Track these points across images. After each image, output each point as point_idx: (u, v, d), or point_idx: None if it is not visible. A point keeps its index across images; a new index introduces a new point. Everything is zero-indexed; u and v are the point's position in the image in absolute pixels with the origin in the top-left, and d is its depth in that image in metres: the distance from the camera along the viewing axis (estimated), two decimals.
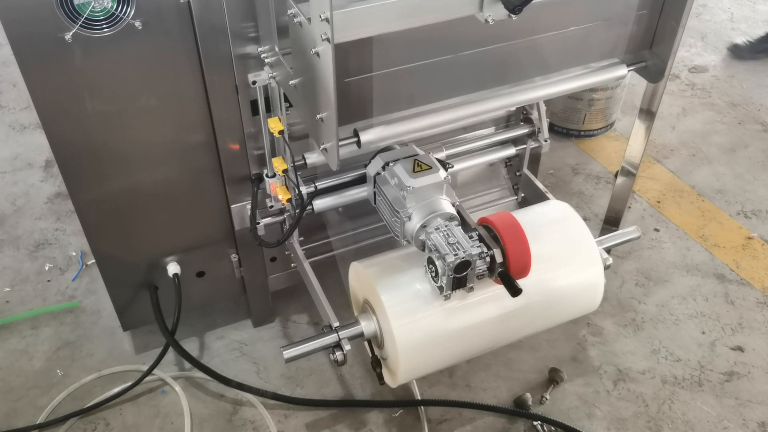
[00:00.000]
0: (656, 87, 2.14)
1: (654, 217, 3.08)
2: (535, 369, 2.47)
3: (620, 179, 2.58)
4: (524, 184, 2.57)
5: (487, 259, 1.80)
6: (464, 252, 1.75)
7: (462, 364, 2.43)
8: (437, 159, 1.91)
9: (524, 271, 1.82)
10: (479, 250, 1.77)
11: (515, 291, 1.77)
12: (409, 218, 1.86)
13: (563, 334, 2.58)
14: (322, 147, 1.55)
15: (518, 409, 2.33)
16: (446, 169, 1.91)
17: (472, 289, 1.84)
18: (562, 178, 3.29)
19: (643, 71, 1.88)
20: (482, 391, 2.40)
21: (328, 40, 1.32)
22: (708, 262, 2.87)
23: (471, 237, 1.80)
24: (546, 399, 2.36)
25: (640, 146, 2.38)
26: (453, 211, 1.88)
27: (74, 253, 2.87)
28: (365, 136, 1.60)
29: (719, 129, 3.60)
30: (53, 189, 3.18)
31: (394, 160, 1.93)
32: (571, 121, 3.44)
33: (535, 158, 2.63)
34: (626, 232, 2.26)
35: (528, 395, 2.34)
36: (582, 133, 3.48)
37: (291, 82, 1.63)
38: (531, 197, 2.55)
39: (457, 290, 1.82)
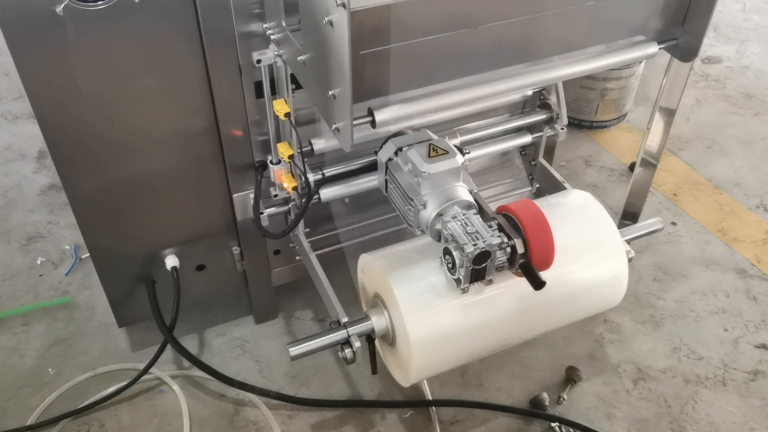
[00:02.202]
0: (678, 72, 2.03)
1: (671, 211, 2.97)
2: (550, 367, 2.36)
3: (639, 171, 2.47)
4: (540, 174, 2.46)
5: (508, 249, 1.69)
6: (484, 242, 1.64)
7: (474, 363, 2.33)
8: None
9: (547, 262, 1.71)
10: (500, 240, 1.66)
11: (538, 283, 1.66)
12: (424, 206, 1.75)
13: (579, 331, 2.47)
14: (334, 127, 1.44)
15: (535, 410, 2.22)
16: (463, 155, 1.79)
17: (491, 281, 1.73)
18: (574, 171, 3.18)
19: (674, 49, 1.77)
20: (496, 391, 2.30)
21: (343, 5, 1.21)
22: (728, 256, 2.76)
23: (490, 226, 1.69)
24: (563, 399, 2.25)
25: (660, 135, 2.27)
26: (471, 198, 1.77)
27: (68, 247, 2.77)
28: (380, 115, 1.49)
29: (734, 121, 3.50)
30: (46, 180, 3.06)
31: (408, 145, 1.82)
32: (583, 112, 3.33)
33: (550, 148, 2.52)
34: (649, 223, 2.16)
35: (545, 395, 2.24)
36: (594, 124, 3.38)
37: (300, 58, 1.52)
38: (547, 188, 2.44)
39: (475, 283, 1.71)
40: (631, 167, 3.15)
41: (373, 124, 1.50)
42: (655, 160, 2.43)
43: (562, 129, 2.37)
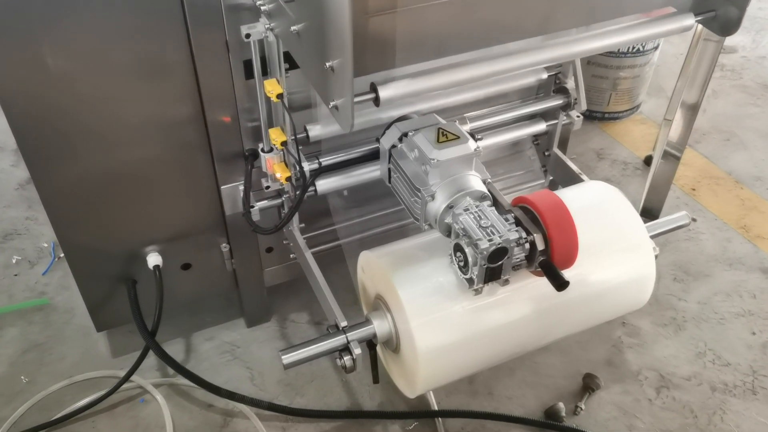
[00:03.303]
0: (705, 49, 1.86)
1: (689, 206, 2.80)
2: (565, 374, 2.20)
3: (660, 164, 2.31)
4: (554, 166, 2.28)
5: (527, 246, 1.51)
6: (500, 237, 1.46)
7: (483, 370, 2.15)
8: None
9: (570, 260, 1.54)
10: (517, 234, 1.49)
11: (561, 283, 1.48)
12: (433, 197, 1.58)
13: (596, 335, 2.31)
14: (332, 105, 1.26)
15: (550, 421, 2.06)
16: (475, 141, 1.61)
17: (507, 281, 1.55)
18: (586, 164, 3.01)
19: (712, 22, 1.59)
20: (507, 400, 2.13)
21: None
22: (752, 254, 2.59)
23: (506, 220, 1.52)
24: (581, 409, 2.08)
25: (685, 122, 2.11)
26: (484, 189, 1.59)
27: (46, 245, 2.62)
28: (385, 92, 1.30)
29: (753, 112, 3.33)
30: (25, 174, 2.88)
31: (414, 130, 1.64)
32: (594, 103, 3.15)
33: (564, 139, 2.35)
34: (675, 218, 1.99)
35: (561, 405, 2.07)
36: (606, 115, 3.21)
37: (293, 28, 1.34)
38: (562, 180, 2.26)
39: (490, 283, 1.53)
40: (647, 160, 3.00)
41: (376, 101, 1.31)
42: (678, 151, 2.28)
43: (579, 116, 2.21)
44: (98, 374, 2.16)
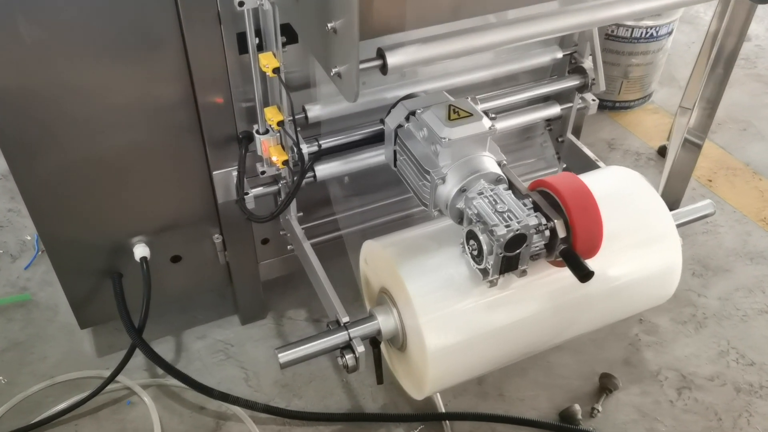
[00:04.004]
0: (736, 15, 1.74)
1: (706, 198, 2.63)
2: (580, 374, 2.08)
3: (680, 153, 2.18)
4: (568, 152, 2.16)
5: (547, 233, 1.38)
6: (519, 222, 1.33)
7: None
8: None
9: (594, 248, 1.42)
10: (537, 220, 1.35)
11: (585, 274, 1.36)
12: (443, 180, 1.45)
13: (611, 332, 2.19)
14: (334, 71, 1.12)
15: (565, 424, 1.93)
16: (489, 119, 1.48)
17: (524, 272, 1.42)
18: (597, 154, 2.85)
19: None
20: (519, 402, 2.01)
21: None
22: None
23: (524, 205, 1.39)
24: (598, 411, 1.96)
25: (708, 105, 1.98)
26: (500, 171, 1.46)
27: (29, 238, 2.50)
28: (394, 58, 1.17)
29: None
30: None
31: (422, 108, 1.50)
32: (605, 91, 3.01)
33: (577, 125, 2.22)
34: (700, 207, 1.87)
35: (576, 407, 1.95)
36: (617, 104, 3.08)
37: None
38: (576, 168, 2.13)
39: (505, 274, 1.40)
40: (660, 151, 2.88)
41: (383, 69, 1.18)
42: (699, 139, 2.15)
43: (594, 100, 2.08)
44: (82, 374, 2.05)
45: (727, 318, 2.24)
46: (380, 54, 1.17)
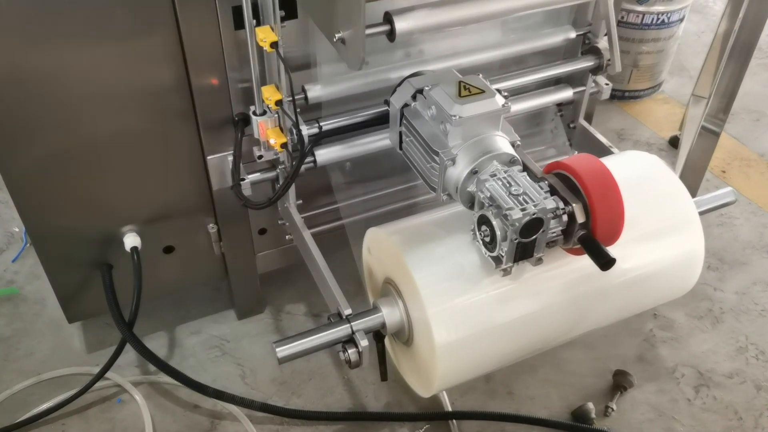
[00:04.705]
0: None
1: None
2: (593, 371, 1.99)
3: (698, 143, 2.10)
4: (580, 139, 2.06)
5: (564, 218, 1.29)
6: (535, 205, 1.24)
7: None
8: None
9: (615, 235, 1.33)
10: (555, 204, 1.26)
11: (606, 261, 1.27)
12: (453, 162, 1.35)
13: (625, 328, 2.11)
14: (338, 37, 1.03)
15: (579, 423, 1.84)
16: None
17: (540, 260, 1.33)
18: None
19: None
20: (529, 401, 1.93)
21: None
22: None
23: (540, 188, 1.29)
24: (612, 410, 1.88)
25: (729, 87, 1.90)
26: (513, 152, 1.36)
27: (17, 229, 2.43)
28: (402, 23, 1.08)
29: None
30: None
31: (431, 86, 1.41)
32: (613, 80, 2.91)
33: (588, 112, 2.12)
34: (721, 194, 1.78)
35: (590, 405, 1.86)
36: (626, 94, 3.00)
37: None
38: None
39: (520, 262, 1.31)
40: (672, 141, 2.79)
41: (391, 34, 1.09)
42: (717, 126, 2.06)
43: (607, 84, 1.99)
44: (70, 371, 1.98)
45: (745, 313, 2.16)
46: (387, 18, 1.09)
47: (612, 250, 1.30)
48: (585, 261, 1.34)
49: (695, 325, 2.12)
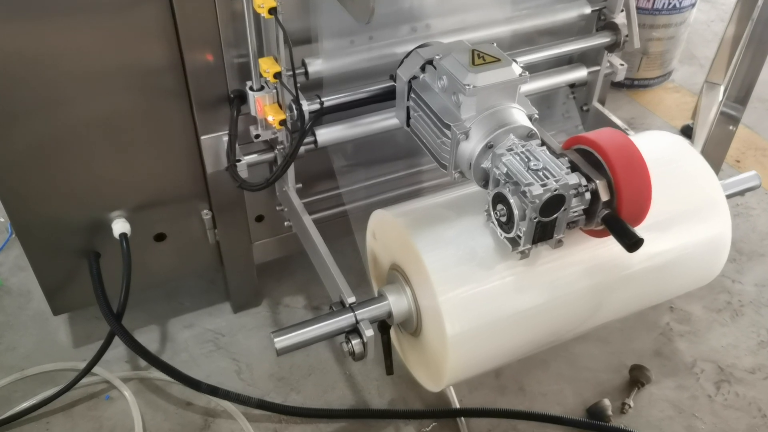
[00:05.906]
0: None
1: None
2: (608, 366, 1.91)
3: (716, 130, 2.01)
4: (594, 122, 1.98)
5: (587, 195, 1.19)
6: (557, 181, 1.14)
7: None
8: None
9: (642, 214, 1.24)
10: (577, 180, 1.16)
11: (633, 242, 1.18)
12: (466, 135, 1.26)
13: (640, 321, 2.03)
14: None
15: (595, 421, 1.74)
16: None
17: (560, 242, 1.23)
18: None
19: None
20: (541, 397, 1.85)
21: None
22: None
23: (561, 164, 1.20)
24: (629, 407, 1.79)
25: (752, 67, 1.81)
26: (531, 125, 1.26)
27: (2, 220, 2.34)
28: None
29: None
30: None
31: (441, 55, 1.31)
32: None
33: (602, 94, 2.03)
34: (746, 177, 1.69)
35: (606, 402, 1.78)
36: (635, 82, 2.92)
37: None
38: None
39: (538, 244, 1.21)
40: (684, 131, 2.70)
41: None
42: (737, 111, 1.98)
43: (622, 65, 1.90)
44: (55, 366, 1.91)
45: (765, 306, 2.08)
46: None
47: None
48: (606, 244, 1.25)
49: (714, 319, 2.03)
